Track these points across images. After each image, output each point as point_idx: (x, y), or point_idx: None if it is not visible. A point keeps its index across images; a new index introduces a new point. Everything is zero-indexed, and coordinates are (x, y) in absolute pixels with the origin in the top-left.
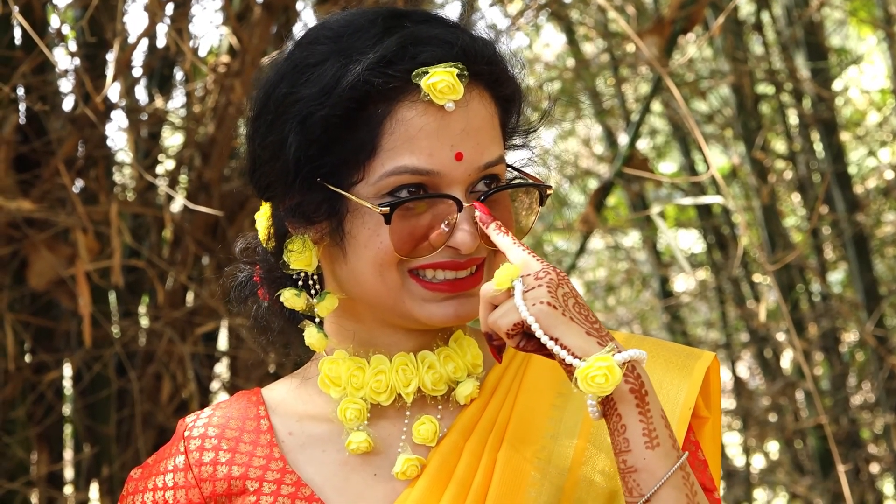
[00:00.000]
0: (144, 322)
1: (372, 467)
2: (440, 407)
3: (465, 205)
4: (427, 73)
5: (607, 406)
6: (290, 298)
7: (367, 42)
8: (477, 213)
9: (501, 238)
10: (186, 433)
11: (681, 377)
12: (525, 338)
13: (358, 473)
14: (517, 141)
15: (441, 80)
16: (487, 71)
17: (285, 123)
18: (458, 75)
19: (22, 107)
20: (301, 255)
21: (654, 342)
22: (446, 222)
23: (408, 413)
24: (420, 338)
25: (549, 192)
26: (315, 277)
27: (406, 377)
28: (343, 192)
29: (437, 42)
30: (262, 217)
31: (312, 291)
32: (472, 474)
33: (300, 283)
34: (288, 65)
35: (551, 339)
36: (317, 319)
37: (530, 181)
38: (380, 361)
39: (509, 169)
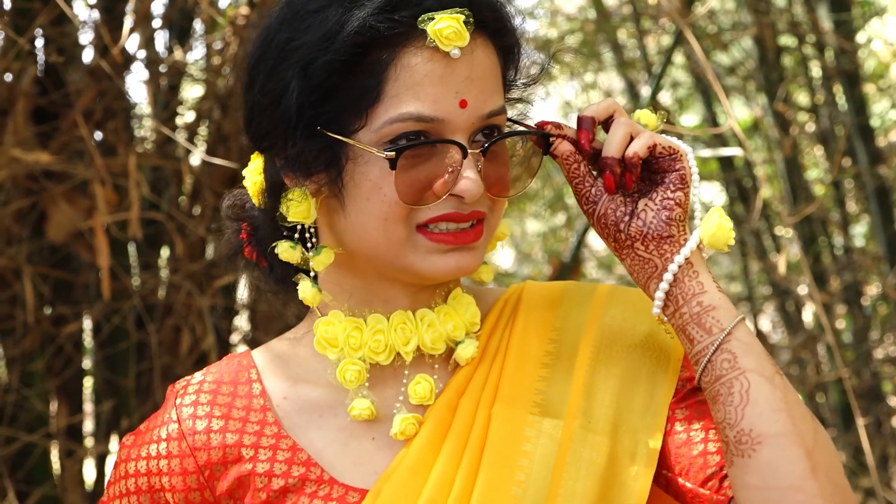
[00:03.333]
0: (163, 275)
1: (370, 431)
2: (436, 366)
3: (472, 152)
4: (433, 18)
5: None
6: (286, 251)
7: None
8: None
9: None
10: (178, 400)
11: (667, 325)
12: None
13: (356, 438)
14: (515, 94)
15: (448, 27)
16: (492, 19)
17: (287, 70)
18: (464, 22)
19: (40, 59)
20: (300, 206)
21: (638, 293)
22: (451, 169)
23: (406, 373)
24: (418, 295)
25: (551, 140)
26: (311, 231)
27: (405, 335)
28: (345, 139)
29: None
30: (253, 172)
31: (308, 245)
32: (468, 429)
33: (296, 236)
34: (288, 11)
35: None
36: (311, 274)
37: (532, 130)
38: (377, 321)
39: (508, 122)
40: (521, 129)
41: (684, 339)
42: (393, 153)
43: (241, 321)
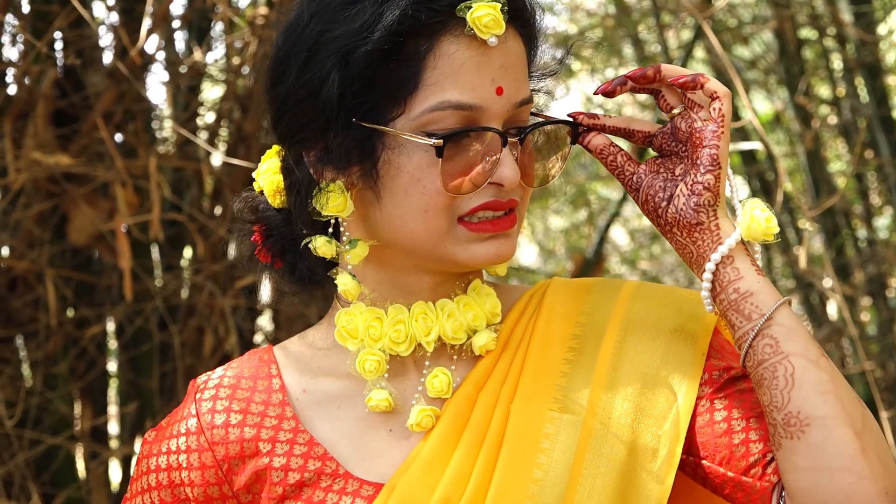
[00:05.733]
0: (186, 276)
1: (387, 423)
2: (455, 357)
3: (512, 139)
4: (471, 7)
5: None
6: (323, 245)
7: None
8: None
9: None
10: (198, 395)
11: (693, 322)
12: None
13: (374, 430)
14: (537, 85)
15: (486, 14)
16: (523, 8)
17: (324, 61)
18: (500, 9)
19: (59, 62)
20: (336, 200)
21: (665, 289)
22: (489, 158)
23: (427, 364)
24: (440, 286)
25: (580, 129)
26: (343, 225)
27: (427, 326)
28: (386, 129)
29: None
30: (267, 171)
31: (344, 238)
32: (486, 424)
33: (330, 231)
34: (318, 4)
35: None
36: (349, 267)
37: (564, 120)
38: (398, 311)
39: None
40: (555, 118)
41: (729, 326)
42: (441, 141)
43: (264, 321)
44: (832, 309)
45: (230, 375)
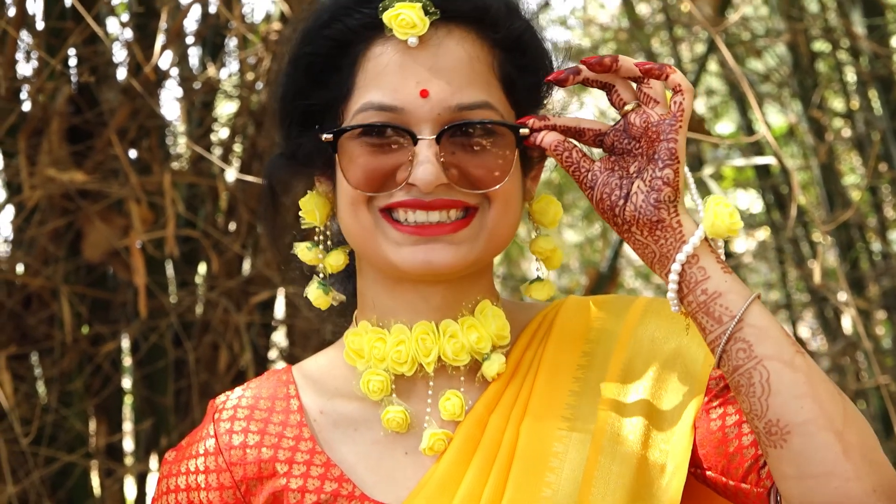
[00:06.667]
0: (200, 292)
1: (403, 446)
2: (463, 378)
3: (422, 139)
4: (390, 7)
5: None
6: (302, 251)
7: None
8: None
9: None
10: (216, 415)
11: (700, 337)
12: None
13: (390, 452)
14: (536, 96)
15: (399, 14)
16: (469, 10)
17: (285, 70)
18: (425, 11)
19: (73, 78)
20: (307, 206)
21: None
22: (409, 158)
23: (431, 384)
24: (447, 305)
25: (521, 132)
26: (327, 234)
27: (426, 347)
28: (314, 131)
29: None
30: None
31: (328, 244)
32: (496, 447)
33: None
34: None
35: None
36: (322, 276)
37: (499, 121)
38: (400, 331)
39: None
40: (492, 121)
41: (699, 329)
42: (331, 136)
43: (279, 337)
44: (847, 323)
45: (248, 396)
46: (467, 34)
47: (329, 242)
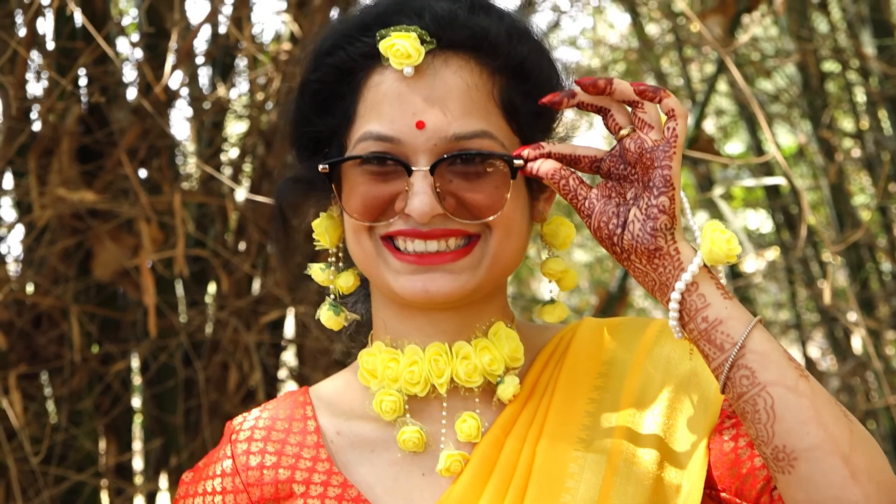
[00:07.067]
0: (210, 311)
1: (419, 467)
2: (477, 400)
3: (417, 170)
4: (386, 36)
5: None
6: (315, 272)
7: (369, 12)
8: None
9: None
10: (234, 436)
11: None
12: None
13: (406, 473)
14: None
15: (394, 44)
16: (466, 38)
17: (295, 96)
18: (421, 41)
19: (84, 98)
20: (318, 228)
21: None
22: (403, 188)
23: (445, 405)
24: (459, 327)
25: (515, 164)
26: (339, 255)
27: (439, 368)
28: (318, 159)
29: (417, 10)
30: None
31: (340, 266)
32: (512, 468)
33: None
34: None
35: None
36: (333, 297)
37: (492, 153)
38: (413, 352)
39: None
40: (487, 152)
41: (703, 356)
42: (327, 167)
43: (289, 357)
44: (857, 343)
45: (265, 417)
46: (465, 62)
47: (341, 264)
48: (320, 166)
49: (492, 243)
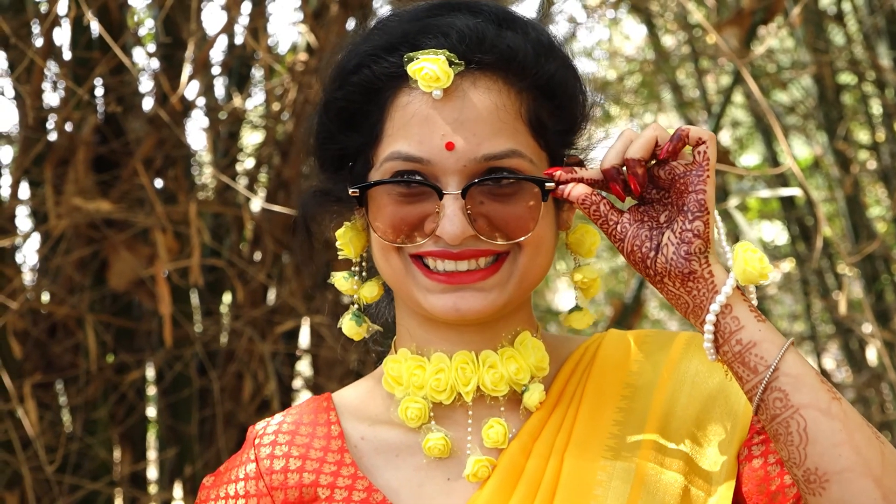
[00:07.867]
0: (225, 321)
1: (445, 472)
2: (503, 408)
3: (448, 193)
4: (415, 59)
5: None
6: (339, 282)
7: (394, 30)
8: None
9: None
10: (257, 440)
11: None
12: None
13: (432, 479)
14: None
15: (423, 68)
16: (494, 60)
17: (317, 111)
18: (449, 63)
19: (100, 108)
20: (342, 239)
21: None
22: (433, 210)
23: (470, 413)
24: (485, 336)
25: (547, 186)
26: (363, 265)
27: (465, 376)
28: (342, 176)
29: (444, 30)
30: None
31: (363, 275)
32: (540, 475)
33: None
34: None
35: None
36: (357, 306)
37: (525, 176)
38: (440, 360)
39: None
40: (521, 175)
41: (736, 378)
42: (357, 191)
43: (304, 366)
44: (872, 354)
45: (289, 422)
46: (493, 83)
47: (364, 273)
48: (350, 189)
49: (521, 260)
